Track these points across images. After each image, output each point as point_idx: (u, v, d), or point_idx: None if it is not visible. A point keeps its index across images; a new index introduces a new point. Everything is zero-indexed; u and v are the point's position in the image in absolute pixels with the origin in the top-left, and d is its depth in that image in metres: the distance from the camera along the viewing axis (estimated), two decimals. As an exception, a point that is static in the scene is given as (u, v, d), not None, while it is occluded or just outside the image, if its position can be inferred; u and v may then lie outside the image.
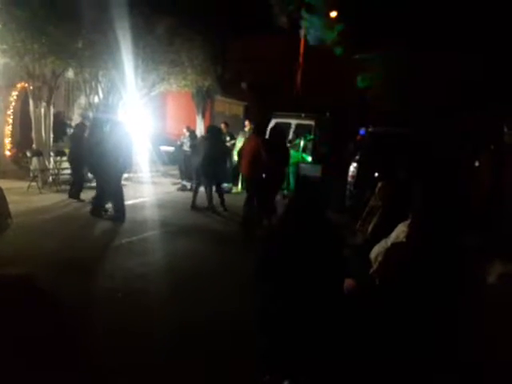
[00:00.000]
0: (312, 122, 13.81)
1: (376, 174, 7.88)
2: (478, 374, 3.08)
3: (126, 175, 11.60)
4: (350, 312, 3.31)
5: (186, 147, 12.48)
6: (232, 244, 6.89)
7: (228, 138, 12.72)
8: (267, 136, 7.97)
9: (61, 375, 3.10)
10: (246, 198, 7.78)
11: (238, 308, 4.26)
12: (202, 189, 9.06)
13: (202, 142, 9.16)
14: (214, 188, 9.03)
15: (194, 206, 9.01)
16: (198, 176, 9.12)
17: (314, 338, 3.08)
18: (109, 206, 7.99)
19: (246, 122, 13.14)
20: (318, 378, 3.03)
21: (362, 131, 9.91)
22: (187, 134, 12.74)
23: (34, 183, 9.88)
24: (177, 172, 12.97)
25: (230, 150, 11.81)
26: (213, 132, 9.15)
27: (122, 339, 3.69)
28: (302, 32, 18.78)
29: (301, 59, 20.43)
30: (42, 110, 10.96)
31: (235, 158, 12.38)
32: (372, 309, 3.34)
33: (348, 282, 3.71)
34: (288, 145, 12.94)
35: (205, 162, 8.64)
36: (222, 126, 13.52)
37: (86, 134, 8.92)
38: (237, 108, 22.60)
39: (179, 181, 12.33)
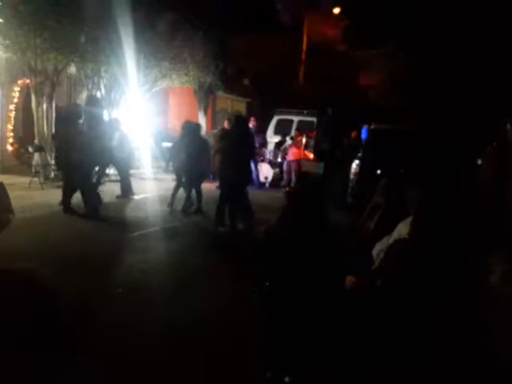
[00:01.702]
0: (314, 119, 13.83)
1: (378, 172, 7.88)
2: (477, 373, 3.08)
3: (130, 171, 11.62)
4: (351, 310, 3.31)
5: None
6: (232, 240, 6.90)
7: None
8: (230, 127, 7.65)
9: (59, 371, 3.10)
10: (219, 196, 7.45)
11: (237, 304, 4.24)
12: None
13: (179, 140, 8.60)
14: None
15: (189, 207, 8.52)
16: (177, 175, 8.69)
17: (314, 335, 3.08)
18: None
19: (252, 119, 12.85)
20: (320, 375, 3.04)
21: (365, 128, 9.90)
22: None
23: (35, 179, 9.89)
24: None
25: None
26: (189, 129, 8.52)
27: (121, 336, 3.68)
28: (305, 28, 18.72)
29: (303, 56, 20.42)
30: (44, 106, 10.97)
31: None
32: (373, 306, 3.34)
33: (349, 279, 3.72)
34: (290, 141, 13.00)
35: (183, 161, 8.20)
36: (226, 123, 13.50)
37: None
38: (239, 104, 22.58)
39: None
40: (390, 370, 3.02)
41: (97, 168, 8.54)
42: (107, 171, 10.72)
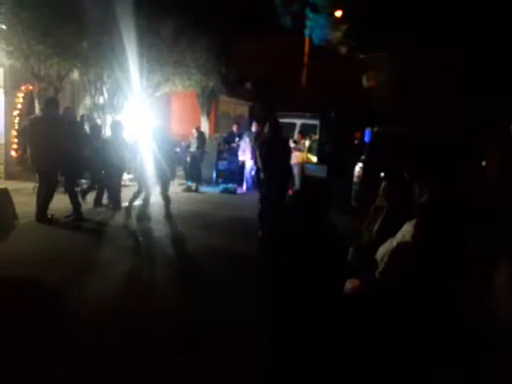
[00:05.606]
0: (317, 122, 13.80)
1: (382, 174, 7.85)
2: (480, 374, 3.06)
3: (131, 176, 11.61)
4: (354, 311, 3.31)
5: (193, 148, 12.49)
6: (238, 242, 6.90)
7: (237, 139, 12.78)
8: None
9: (61, 372, 3.09)
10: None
11: (238, 306, 4.24)
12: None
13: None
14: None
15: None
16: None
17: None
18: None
19: (254, 124, 12.65)
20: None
21: (368, 131, 9.88)
22: (196, 134, 12.74)
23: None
24: (182, 173, 12.98)
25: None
26: (113, 127, 8.78)
27: (124, 337, 3.66)
28: (307, 31, 18.73)
29: (305, 59, 20.43)
30: (48, 112, 11.00)
31: (240, 157, 12.38)
32: (376, 308, 3.34)
33: (353, 282, 3.71)
34: (293, 145, 12.97)
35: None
36: (235, 127, 13.54)
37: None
38: (242, 108, 22.59)
39: (184, 182, 12.35)
40: (392, 371, 3.02)
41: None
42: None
